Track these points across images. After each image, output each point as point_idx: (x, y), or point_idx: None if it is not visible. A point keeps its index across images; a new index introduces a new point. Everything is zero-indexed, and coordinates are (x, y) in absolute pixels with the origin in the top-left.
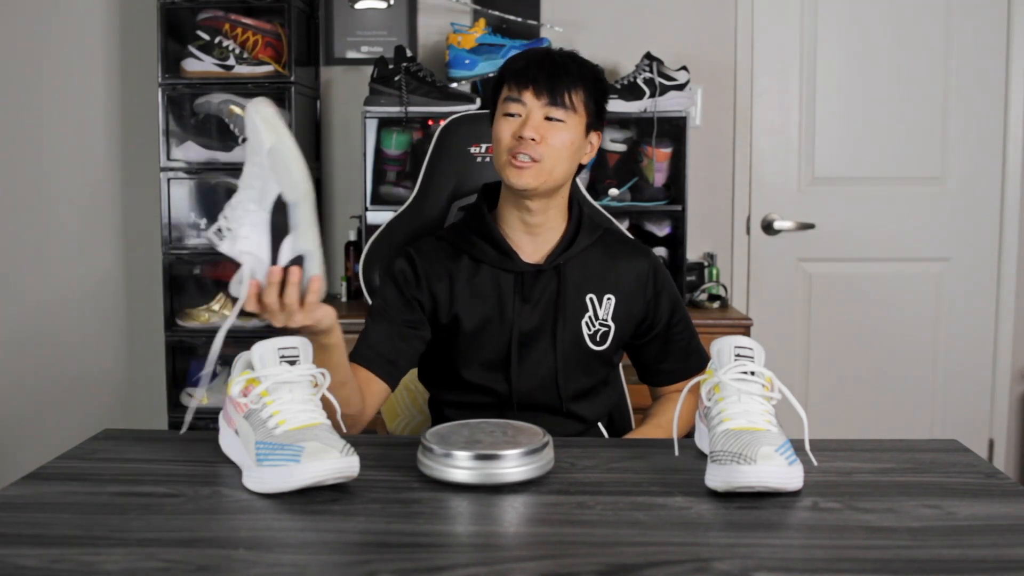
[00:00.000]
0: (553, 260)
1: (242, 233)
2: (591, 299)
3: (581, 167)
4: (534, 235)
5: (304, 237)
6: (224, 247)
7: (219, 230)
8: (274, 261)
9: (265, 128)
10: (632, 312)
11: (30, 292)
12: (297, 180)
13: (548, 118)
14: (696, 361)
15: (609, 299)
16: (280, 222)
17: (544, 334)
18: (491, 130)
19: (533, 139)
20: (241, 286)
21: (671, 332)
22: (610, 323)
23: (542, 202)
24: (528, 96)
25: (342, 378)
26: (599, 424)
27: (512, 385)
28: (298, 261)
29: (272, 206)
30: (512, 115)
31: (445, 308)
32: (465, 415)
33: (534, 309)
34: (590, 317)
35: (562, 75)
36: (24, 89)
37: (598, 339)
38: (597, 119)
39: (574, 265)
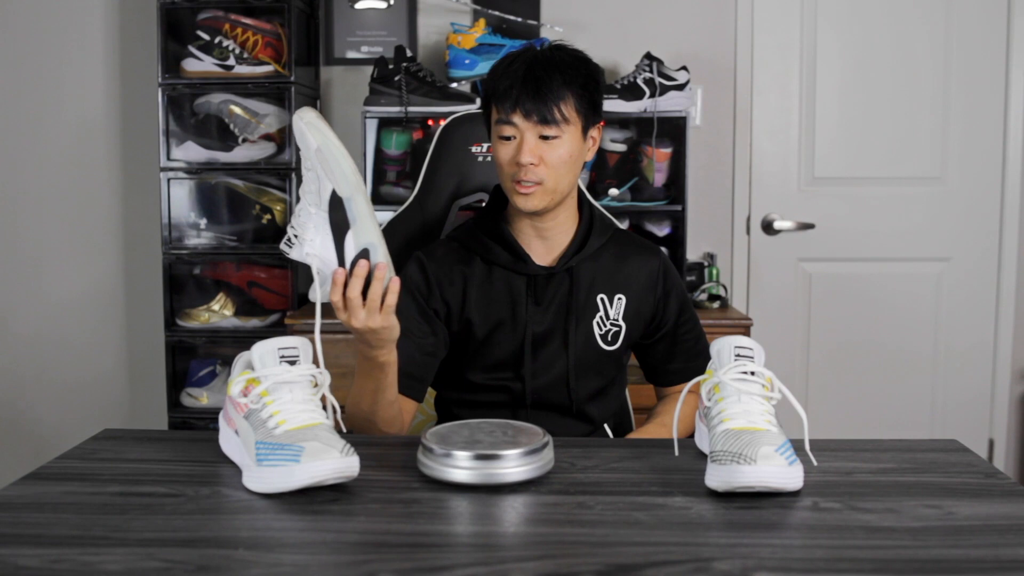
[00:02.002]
0: (565, 262)
1: (307, 237)
2: (602, 299)
3: (584, 164)
4: (545, 239)
5: (365, 230)
6: (293, 254)
7: (288, 240)
8: (340, 259)
9: (310, 131)
10: (642, 311)
11: (30, 292)
12: (347, 173)
13: (543, 136)
14: (703, 362)
15: (620, 299)
16: (339, 219)
17: (556, 336)
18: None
19: (532, 163)
20: (315, 290)
21: (679, 332)
22: (621, 323)
23: (551, 213)
24: (518, 118)
25: (392, 398)
26: (605, 426)
27: (525, 385)
28: (364, 255)
29: (329, 204)
30: (507, 138)
31: (457, 313)
32: (475, 414)
33: (546, 312)
34: (601, 317)
35: (547, 91)
36: (24, 89)
37: (609, 339)
38: (594, 114)
39: (585, 266)
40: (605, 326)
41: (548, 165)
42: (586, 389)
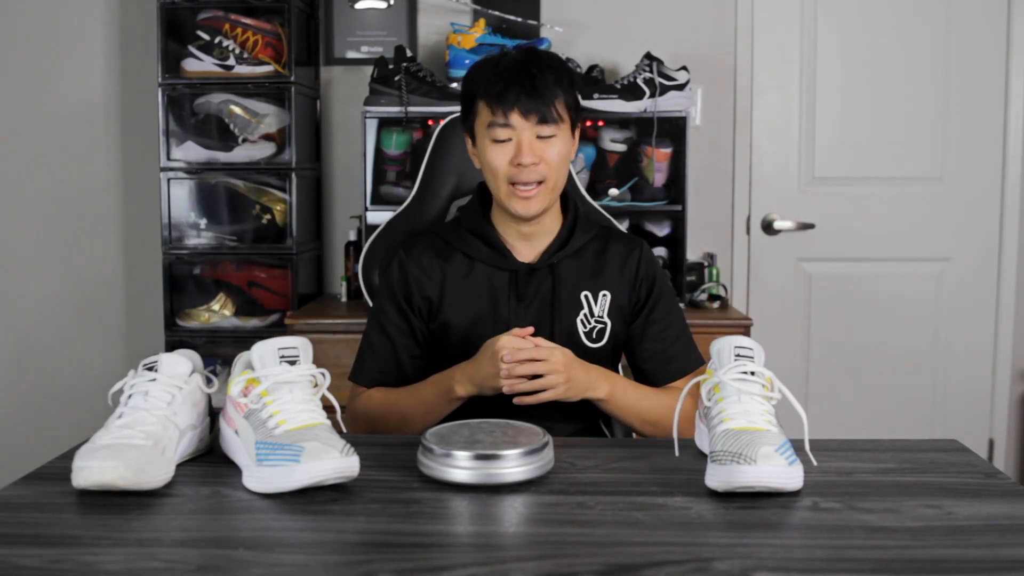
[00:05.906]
0: (547, 259)
1: None
2: (586, 296)
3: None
4: (528, 238)
5: None
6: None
7: None
8: None
9: None
10: (625, 302)
11: (30, 292)
12: None
13: (540, 136)
14: (678, 366)
15: (604, 295)
16: None
17: (539, 332)
18: (469, 146)
19: (533, 163)
20: None
21: (652, 324)
22: (606, 320)
23: (539, 217)
24: (515, 119)
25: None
26: (601, 425)
27: None
28: None
29: None
30: (502, 140)
31: (437, 308)
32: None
33: (528, 308)
34: (585, 315)
35: (543, 89)
36: (24, 89)
37: (594, 336)
38: (578, 113)
39: (569, 263)
40: (589, 323)
41: (547, 163)
42: None
